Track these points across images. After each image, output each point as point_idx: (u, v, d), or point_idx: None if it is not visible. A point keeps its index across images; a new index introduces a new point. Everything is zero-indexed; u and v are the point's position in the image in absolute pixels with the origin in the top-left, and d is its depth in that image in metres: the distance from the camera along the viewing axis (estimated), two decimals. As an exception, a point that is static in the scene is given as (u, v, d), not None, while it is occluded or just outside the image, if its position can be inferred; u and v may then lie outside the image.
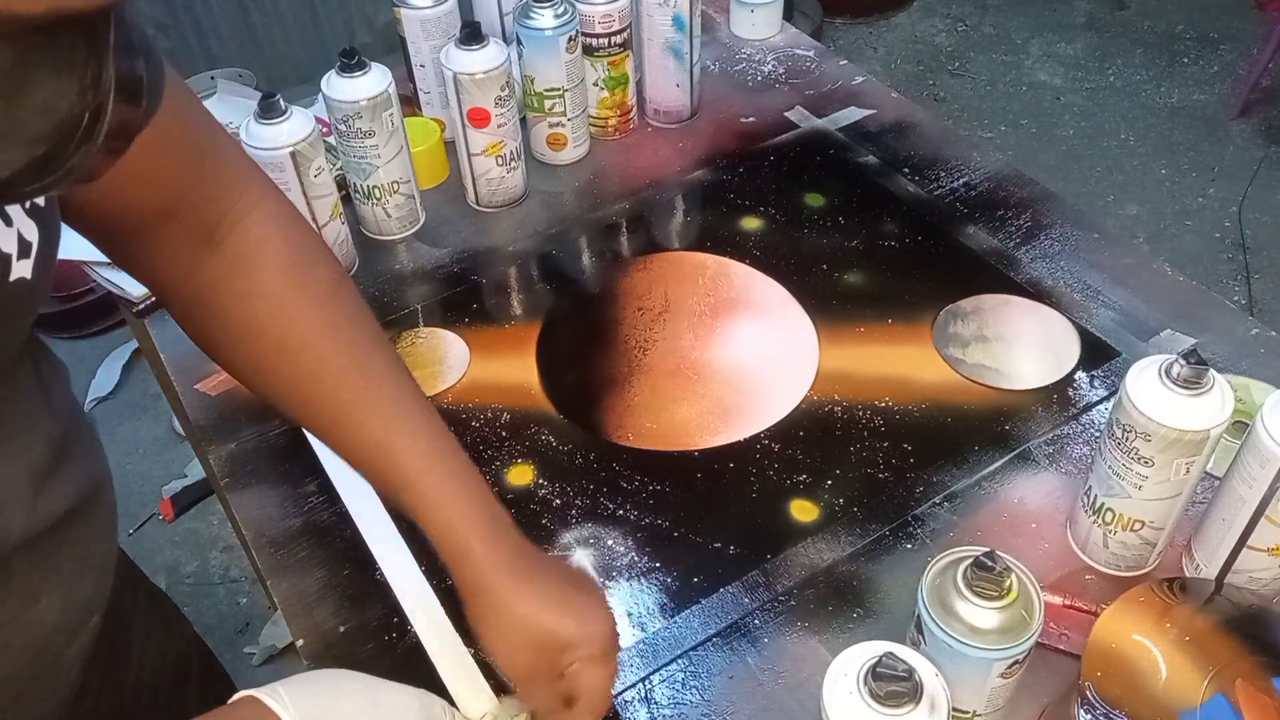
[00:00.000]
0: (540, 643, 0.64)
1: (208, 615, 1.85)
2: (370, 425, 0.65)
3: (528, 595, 0.64)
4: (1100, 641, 0.66)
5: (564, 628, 0.64)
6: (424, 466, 0.64)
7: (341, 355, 0.66)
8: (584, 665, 0.65)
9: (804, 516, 0.86)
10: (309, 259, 0.67)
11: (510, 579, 0.64)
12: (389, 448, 0.65)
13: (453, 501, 0.64)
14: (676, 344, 1.00)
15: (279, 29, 2.27)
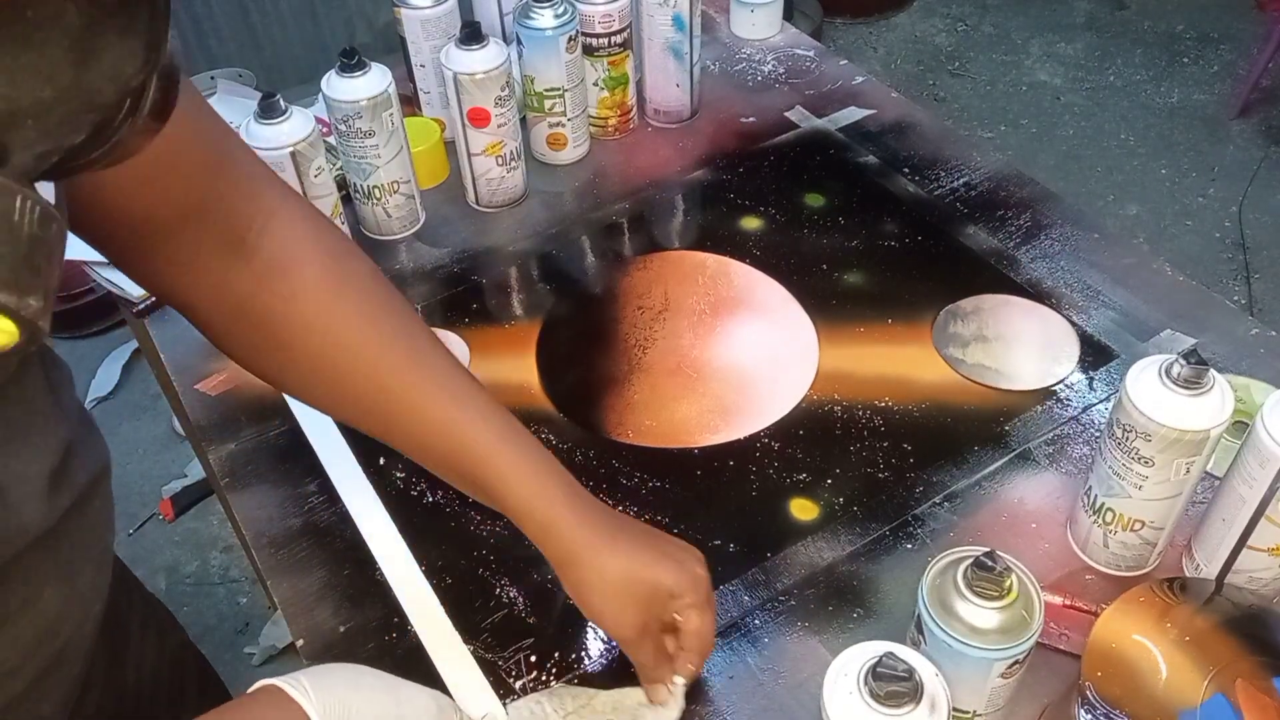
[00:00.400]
0: (646, 596, 0.64)
1: (208, 615, 1.85)
2: (434, 411, 0.65)
3: (623, 553, 0.64)
4: (1100, 641, 0.66)
5: (666, 577, 0.65)
6: (495, 445, 0.64)
7: (394, 346, 0.65)
8: (689, 612, 0.66)
9: (804, 515, 0.86)
10: (343, 254, 0.67)
11: (602, 541, 0.64)
12: (456, 431, 0.65)
13: (530, 476, 0.65)
14: (676, 343, 1.00)
15: (279, 29, 2.27)
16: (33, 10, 0.32)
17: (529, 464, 0.65)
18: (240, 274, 0.63)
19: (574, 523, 0.64)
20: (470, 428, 0.65)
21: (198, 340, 0.69)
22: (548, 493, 0.65)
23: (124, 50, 0.36)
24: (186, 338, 1.03)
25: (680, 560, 0.66)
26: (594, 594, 0.65)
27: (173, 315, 1.05)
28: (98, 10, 0.34)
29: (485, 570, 0.83)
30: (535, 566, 0.83)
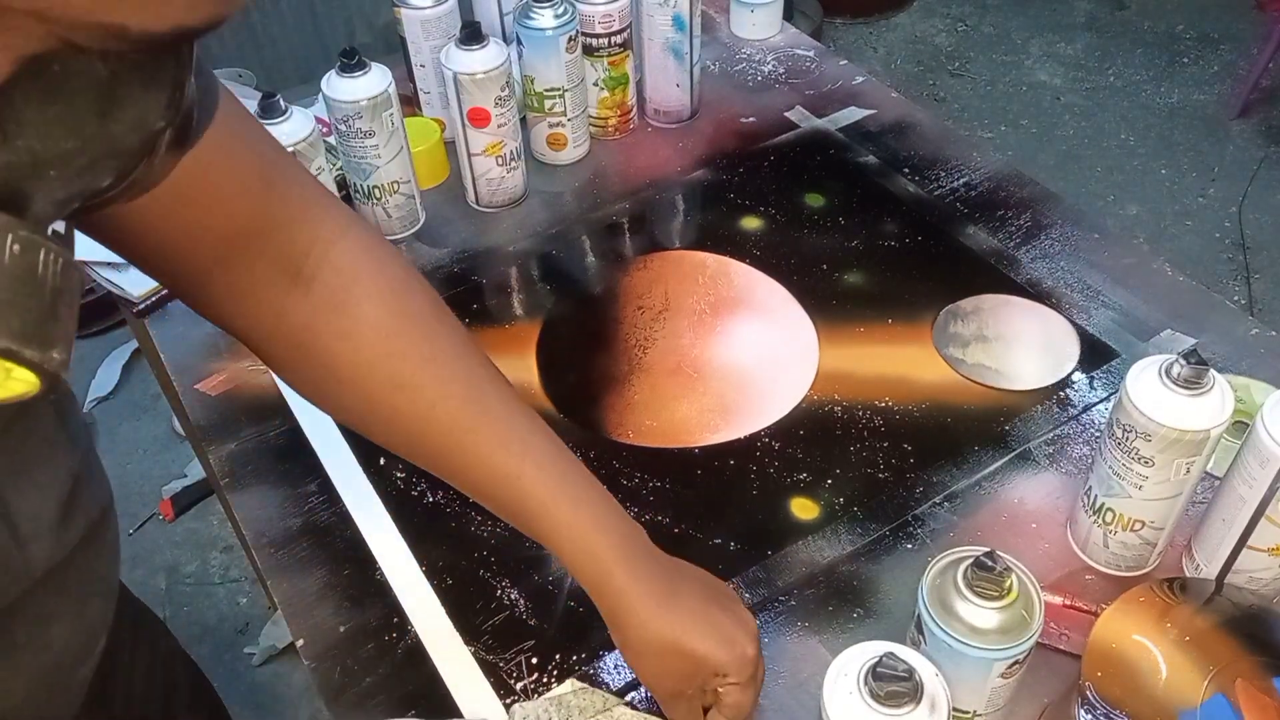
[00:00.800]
0: (688, 669, 0.64)
1: (208, 615, 1.85)
2: (494, 457, 0.63)
3: (672, 620, 0.63)
4: (1100, 641, 0.66)
5: (712, 655, 0.64)
6: (553, 494, 0.63)
7: (454, 386, 0.63)
8: (730, 690, 0.66)
9: (804, 515, 0.86)
10: (405, 287, 0.64)
11: (653, 603, 0.63)
12: (515, 478, 0.63)
13: (587, 528, 0.63)
14: (677, 343, 1.00)
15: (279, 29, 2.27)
16: (59, 64, 0.32)
17: (587, 516, 0.64)
18: (298, 305, 0.61)
19: (627, 581, 0.63)
20: (526, 479, 0.63)
21: (198, 340, 0.69)
22: (604, 546, 0.63)
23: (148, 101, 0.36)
24: (187, 338, 1.03)
25: (731, 638, 0.65)
26: (637, 655, 0.65)
27: (173, 315, 1.05)
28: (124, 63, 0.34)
29: (486, 571, 0.83)
30: (536, 568, 0.83)
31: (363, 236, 0.64)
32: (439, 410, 0.63)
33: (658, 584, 0.64)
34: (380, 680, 0.77)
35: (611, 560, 0.63)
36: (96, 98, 0.34)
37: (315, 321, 0.61)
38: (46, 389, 0.34)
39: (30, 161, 0.33)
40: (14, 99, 0.32)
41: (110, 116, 0.35)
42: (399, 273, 0.65)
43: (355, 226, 0.64)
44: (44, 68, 0.32)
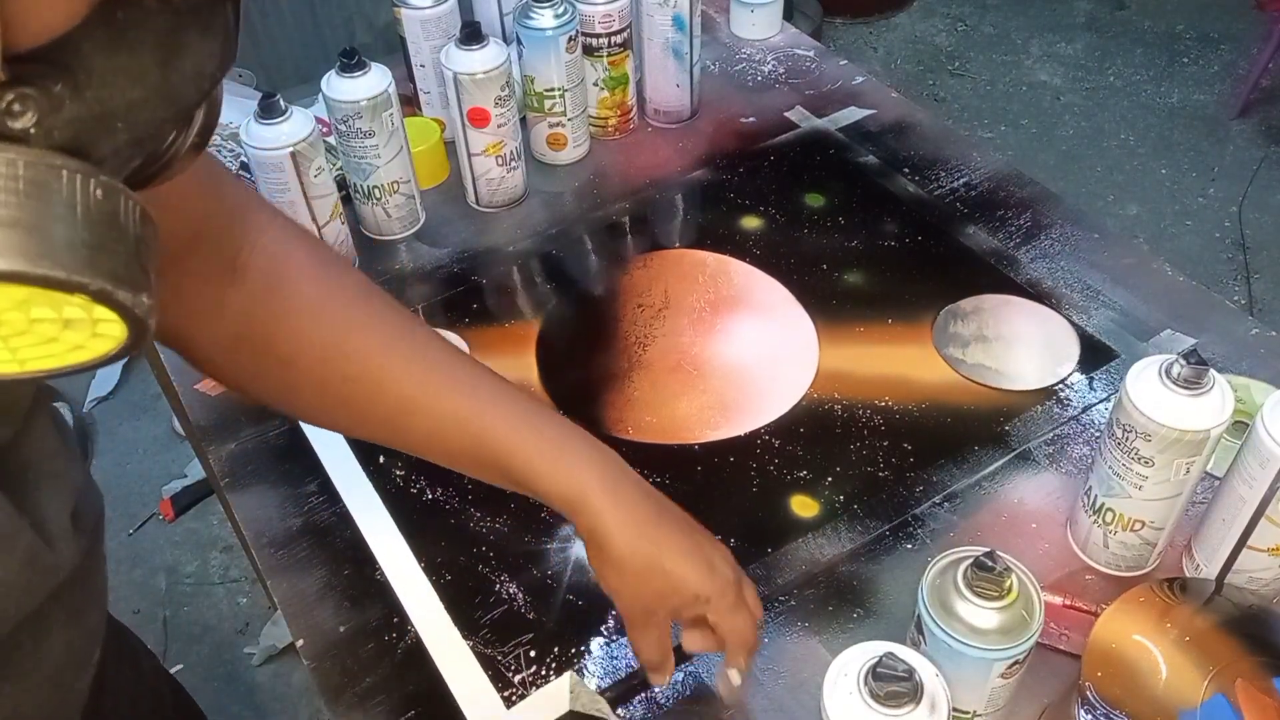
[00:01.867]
0: (667, 589, 0.63)
1: (208, 615, 1.85)
2: (445, 405, 0.63)
3: (654, 539, 0.63)
4: (1100, 641, 0.66)
5: (691, 576, 0.63)
6: (515, 430, 0.63)
7: (398, 345, 0.64)
8: (722, 617, 0.65)
9: (804, 512, 0.86)
10: (333, 264, 0.66)
11: (634, 523, 0.63)
12: (473, 422, 0.63)
13: (559, 454, 0.63)
14: (677, 340, 1.00)
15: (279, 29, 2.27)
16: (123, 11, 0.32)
17: (556, 446, 0.63)
18: (236, 296, 0.62)
19: (606, 504, 0.62)
20: (486, 417, 0.63)
21: (198, 340, 0.69)
22: (580, 471, 0.63)
23: (205, 50, 0.37)
24: (186, 338, 1.03)
25: (708, 561, 0.65)
26: (614, 575, 0.63)
27: (173, 315, 1.05)
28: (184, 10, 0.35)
29: (485, 566, 0.83)
30: (534, 563, 0.83)
31: (288, 225, 0.65)
32: (386, 371, 0.63)
33: (639, 505, 0.63)
34: (380, 680, 0.77)
35: (588, 481, 0.62)
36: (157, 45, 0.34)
37: (252, 307, 0.62)
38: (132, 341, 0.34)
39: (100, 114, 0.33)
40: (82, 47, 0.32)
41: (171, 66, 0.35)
42: (325, 254, 0.67)
43: (280, 217, 0.65)
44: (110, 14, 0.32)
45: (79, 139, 0.33)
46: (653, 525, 0.63)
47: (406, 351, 0.64)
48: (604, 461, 0.64)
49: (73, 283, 0.31)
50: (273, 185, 0.99)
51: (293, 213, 1.00)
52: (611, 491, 0.63)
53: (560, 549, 0.84)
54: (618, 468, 0.65)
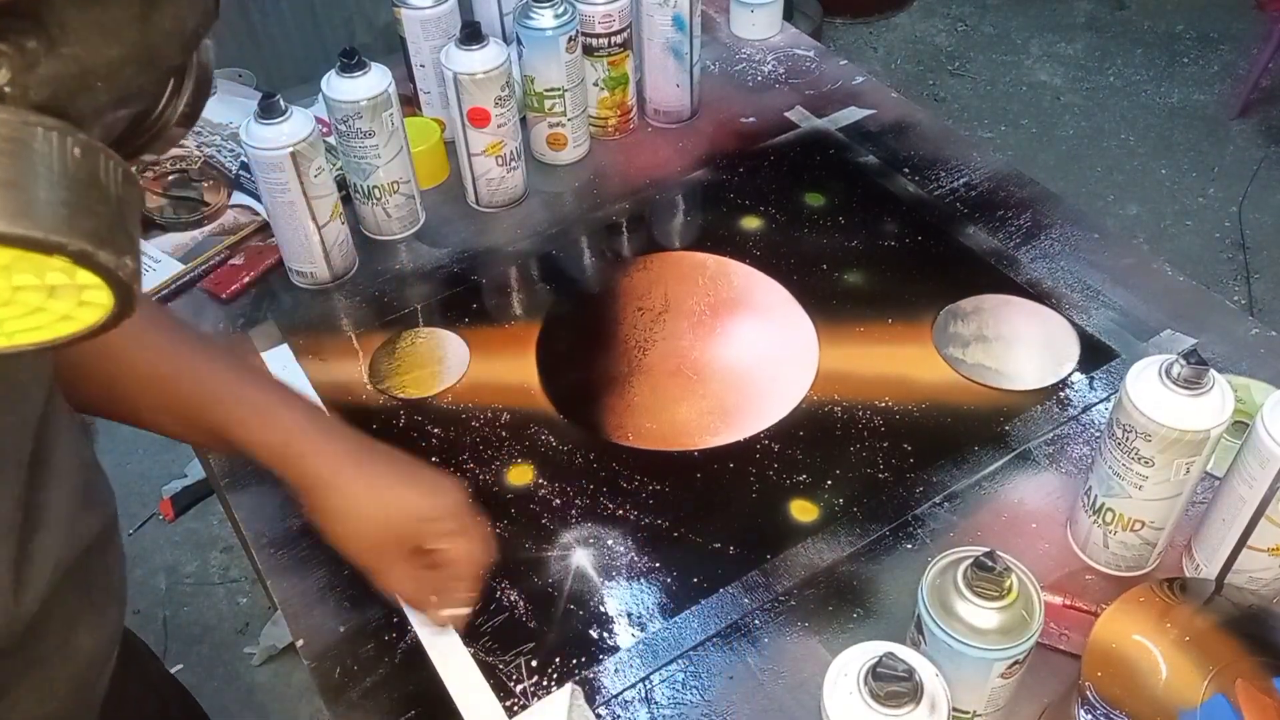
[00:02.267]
0: (390, 518, 0.62)
1: (208, 615, 1.85)
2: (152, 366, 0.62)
3: (370, 475, 0.62)
4: (1100, 641, 0.66)
5: (413, 499, 0.62)
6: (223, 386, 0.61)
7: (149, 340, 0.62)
8: (453, 540, 0.63)
9: (804, 516, 0.86)
10: None
11: (348, 464, 0.61)
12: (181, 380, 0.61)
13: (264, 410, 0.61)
14: (676, 344, 1.00)
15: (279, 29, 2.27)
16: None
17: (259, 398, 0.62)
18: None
19: (315, 448, 0.61)
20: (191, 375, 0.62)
21: (198, 340, 0.69)
22: (292, 423, 0.62)
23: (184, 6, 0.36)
24: (186, 338, 1.03)
25: (432, 487, 0.63)
26: (334, 520, 0.62)
27: (173, 315, 1.05)
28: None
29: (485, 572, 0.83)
30: (536, 570, 0.83)
31: None
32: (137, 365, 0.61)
33: (347, 446, 0.62)
34: (380, 680, 0.77)
35: (292, 429, 0.61)
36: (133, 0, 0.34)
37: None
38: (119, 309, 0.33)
39: (77, 71, 0.33)
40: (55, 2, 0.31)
41: (149, 21, 0.34)
42: None
43: None
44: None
45: (57, 97, 0.32)
46: (364, 462, 0.62)
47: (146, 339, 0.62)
48: (310, 413, 0.63)
49: (51, 242, 0.30)
50: (273, 185, 0.99)
51: (292, 213, 1.01)
52: (318, 437, 0.61)
53: (561, 557, 0.84)
54: (325, 418, 0.63)
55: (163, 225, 1.12)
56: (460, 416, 0.94)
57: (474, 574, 0.65)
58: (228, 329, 1.04)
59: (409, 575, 0.64)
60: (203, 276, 1.08)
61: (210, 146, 1.21)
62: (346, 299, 1.06)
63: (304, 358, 1.00)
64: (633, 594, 0.81)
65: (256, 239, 1.12)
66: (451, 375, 0.98)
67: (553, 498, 0.88)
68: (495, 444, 0.92)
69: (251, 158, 0.98)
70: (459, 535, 0.64)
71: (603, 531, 0.85)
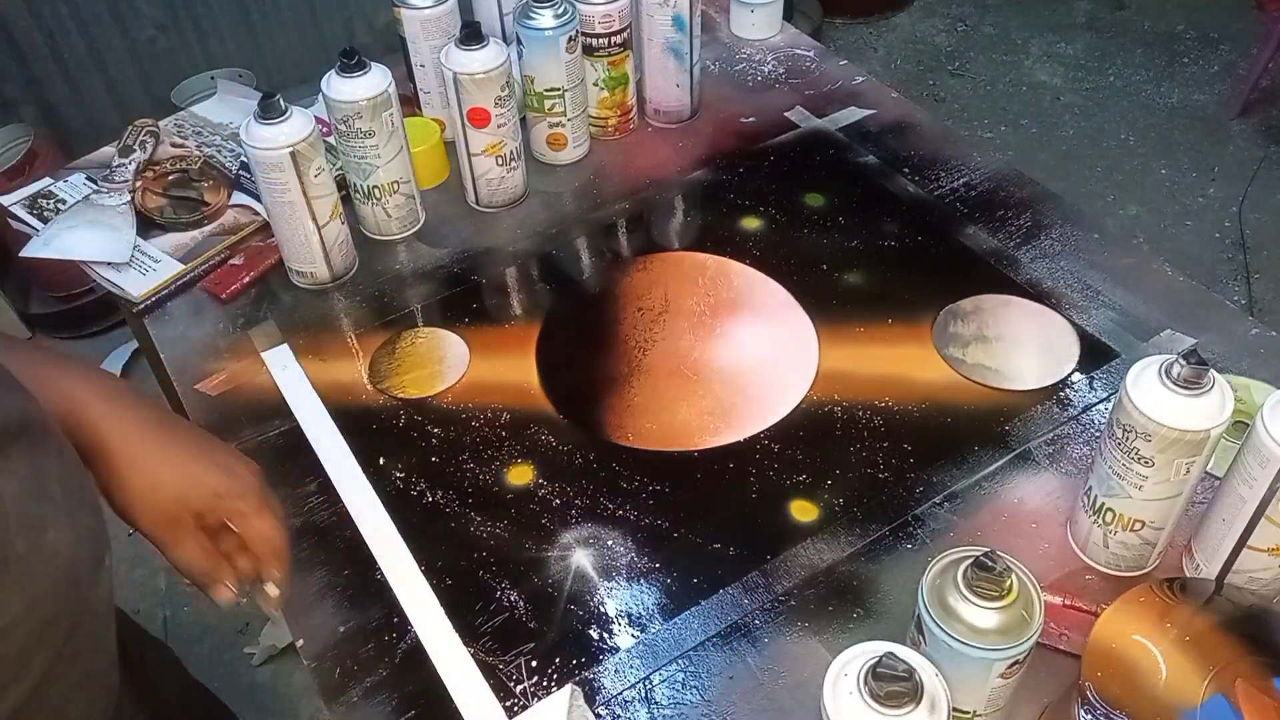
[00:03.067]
0: (181, 493, 0.61)
1: (208, 615, 1.85)
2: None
3: (163, 448, 0.61)
4: (1100, 641, 0.66)
5: (208, 475, 0.61)
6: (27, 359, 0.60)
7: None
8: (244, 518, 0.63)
9: (804, 517, 0.86)
10: None
11: (139, 434, 0.60)
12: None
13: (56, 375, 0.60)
14: (676, 344, 1.00)
15: (279, 29, 2.27)
16: None
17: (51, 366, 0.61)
18: None
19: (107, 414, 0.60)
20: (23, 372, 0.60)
21: (198, 340, 0.69)
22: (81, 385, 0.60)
23: None
24: (187, 338, 1.03)
25: (226, 464, 0.63)
26: (121, 490, 0.61)
27: (173, 315, 1.05)
28: None
29: (485, 573, 0.83)
30: (536, 570, 0.83)
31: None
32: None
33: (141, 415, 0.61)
34: (380, 680, 0.77)
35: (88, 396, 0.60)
36: None
37: None
38: None
39: None
40: None
41: None
42: None
43: None
44: None
45: None
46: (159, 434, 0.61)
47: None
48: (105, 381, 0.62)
49: None
50: (273, 185, 0.99)
51: (292, 212, 1.01)
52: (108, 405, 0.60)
53: (561, 557, 0.84)
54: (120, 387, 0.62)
55: (163, 225, 1.12)
56: (460, 416, 0.94)
57: (273, 554, 0.65)
58: (228, 329, 1.04)
59: (200, 550, 0.63)
60: (203, 276, 1.08)
61: (210, 146, 1.21)
62: (346, 299, 1.06)
63: (304, 358, 1.00)
64: (632, 594, 0.81)
65: (256, 239, 1.12)
66: (451, 375, 0.98)
67: (553, 498, 0.88)
68: (495, 444, 0.92)
69: (251, 158, 0.98)
70: (252, 515, 0.63)
71: (602, 532, 0.85)
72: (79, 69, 2.11)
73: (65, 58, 2.09)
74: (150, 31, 2.15)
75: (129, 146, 1.18)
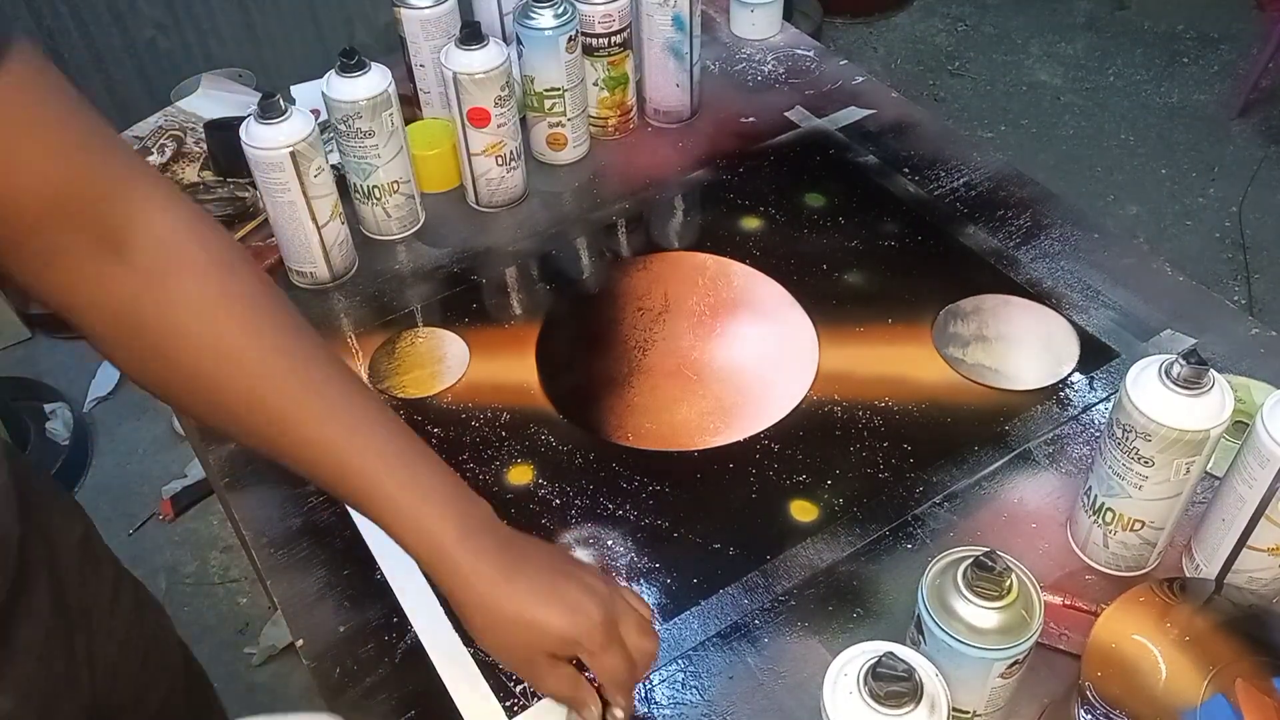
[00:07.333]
0: (533, 640, 0.63)
1: (208, 615, 1.85)
2: (314, 429, 0.61)
3: (512, 592, 0.62)
4: (1100, 641, 0.66)
5: (554, 623, 0.62)
6: (380, 470, 0.61)
7: (276, 359, 0.62)
8: (591, 657, 0.64)
9: (804, 516, 0.86)
10: (230, 262, 0.63)
11: (490, 578, 0.62)
12: (338, 451, 0.61)
13: (417, 502, 0.62)
14: (676, 344, 1.00)
15: (279, 29, 2.27)
16: None
17: (419, 492, 0.62)
18: (121, 277, 0.59)
19: (464, 557, 0.61)
20: (353, 448, 0.61)
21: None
22: (440, 522, 0.62)
23: None
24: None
25: (576, 606, 0.64)
26: (481, 633, 0.63)
27: (173, 315, 1.05)
28: None
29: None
30: (535, 567, 0.83)
31: (187, 212, 0.62)
32: (261, 382, 0.61)
33: (496, 558, 0.62)
34: (380, 680, 0.77)
35: (443, 535, 0.61)
36: None
37: (139, 295, 0.60)
38: None
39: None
40: None
41: None
42: (224, 249, 0.63)
43: (179, 202, 0.62)
44: None
45: None
46: (510, 577, 0.62)
47: (288, 367, 0.62)
48: (464, 514, 0.63)
49: None
50: (273, 185, 0.99)
51: (293, 213, 1.01)
52: (468, 546, 0.62)
53: (555, 545, 0.84)
54: (478, 519, 0.63)
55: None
56: (460, 416, 0.94)
57: (622, 686, 0.66)
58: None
59: (560, 680, 0.65)
60: (203, 276, 1.08)
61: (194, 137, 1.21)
62: (346, 299, 1.06)
63: (304, 358, 1.00)
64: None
65: (256, 239, 1.12)
66: (451, 375, 0.98)
67: (552, 498, 0.88)
68: (495, 444, 0.92)
69: (251, 158, 0.98)
70: (599, 653, 0.64)
71: (602, 531, 0.85)
72: (79, 69, 2.11)
73: (65, 58, 2.09)
74: (150, 31, 2.15)
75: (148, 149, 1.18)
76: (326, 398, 0.62)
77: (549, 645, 0.63)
